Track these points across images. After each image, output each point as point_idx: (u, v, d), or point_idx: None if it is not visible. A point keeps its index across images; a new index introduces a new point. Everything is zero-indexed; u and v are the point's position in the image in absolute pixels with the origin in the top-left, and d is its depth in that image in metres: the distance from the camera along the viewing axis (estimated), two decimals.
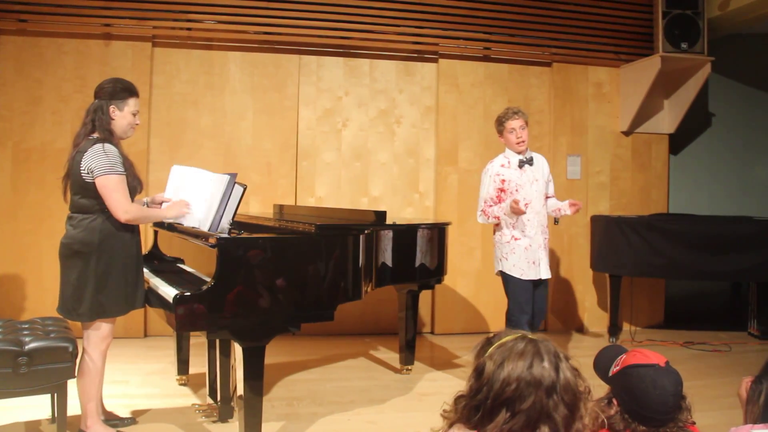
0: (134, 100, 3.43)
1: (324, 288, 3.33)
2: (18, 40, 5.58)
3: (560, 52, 6.59)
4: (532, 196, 4.36)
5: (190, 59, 5.95)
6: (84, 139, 3.32)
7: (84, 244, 3.24)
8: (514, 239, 4.35)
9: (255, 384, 3.15)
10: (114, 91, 3.37)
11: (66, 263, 3.31)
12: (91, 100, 3.40)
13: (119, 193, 3.23)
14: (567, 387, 1.46)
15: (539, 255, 4.35)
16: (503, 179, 4.37)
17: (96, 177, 3.20)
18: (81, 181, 3.25)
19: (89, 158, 3.21)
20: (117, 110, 3.36)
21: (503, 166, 4.41)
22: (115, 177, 3.22)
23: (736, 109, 7.42)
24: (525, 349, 1.48)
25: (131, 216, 3.26)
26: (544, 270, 4.37)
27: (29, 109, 5.59)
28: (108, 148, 3.24)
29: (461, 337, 6.25)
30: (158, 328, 5.74)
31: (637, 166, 6.84)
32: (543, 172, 4.47)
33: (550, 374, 1.45)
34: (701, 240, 5.82)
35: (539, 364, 1.45)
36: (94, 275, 3.23)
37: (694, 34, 6.22)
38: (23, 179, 5.56)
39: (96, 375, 3.35)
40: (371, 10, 6.13)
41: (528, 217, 4.32)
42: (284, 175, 6.10)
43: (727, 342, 6.01)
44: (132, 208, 3.29)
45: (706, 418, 2.90)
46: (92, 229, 3.25)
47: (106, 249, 3.26)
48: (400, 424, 3.88)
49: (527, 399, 1.43)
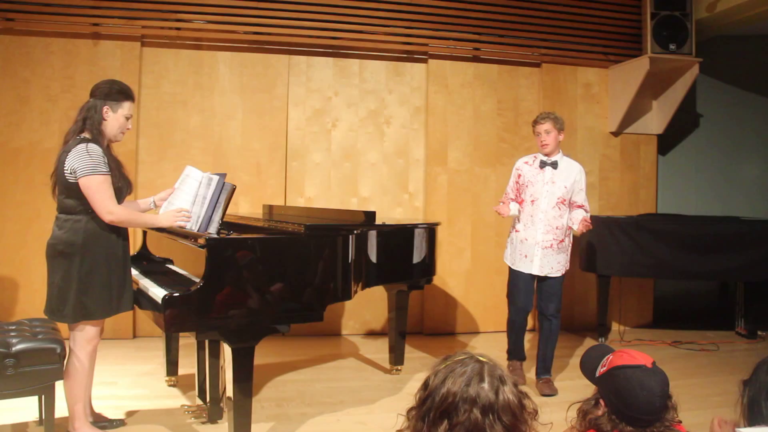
0: (129, 104, 3.41)
1: (313, 288, 3.32)
2: (5, 39, 5.54)
3: (549, 53, 6.61)
4: (541, 195, 4.50)
5: (179, 59, 5.93)
6: (72, 137, 3.30)
7: (68, 244, 3.21)
8: (515, 231, 4.64)
9: (244, 385, 3.14)
10: (110, 92, 3.35)
11: (51, 264, 3.28)
12: (80, 100, 3.39)
13: (102, 193, 3.19)
14: (506, 408, 1.52)
15: (534, 251, 4.49)
16: (519, 174, 4.65)
17: (79, 178, 3.17)
18: (65, 181, 3.22)
19: (72, 158, 3.18)
20: (110, 111, 3.34)
21: (527, 162, 4.67)
22: (98, 177, 3.18)
23: (723, 109, 7.47)
24: (468, 368, 1.56)
25: (116, 218, 3.22)
26: (537, 267, 4.49)
27: (17, 108, 5.56)
28: (92, 147, 3.21)
29: (451, 338, 6.26)
30: (147, 329, 5.72)
31: (626, 166, 6.88)
32: (568, 178, 4.53)
33: (488, 395, 1.52)
34: (689, 240, 5.86)
35: (477, 384, 1.53)
36: (77, 276, 3.20)
37: (683, 36, 6.25)
38: (10, 180, 5.53)
39: (83, 376, 3.33)
40: (361, 11, 6.13)
41: (531, 213, 4.51)
42: (274, 176, 6.10)
43: (714, 341, 6.04)
44: (117, 209, 3.24)
45: (694, 416, 2.92)
46: (76, 230, 3.22)
47: (90, 250, 3.22)
48: (389, 424, 3.84)
49: (462, 414, 1.51)
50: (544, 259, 4.48)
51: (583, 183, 4.60)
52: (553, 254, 4.49)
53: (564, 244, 4.54)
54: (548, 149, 4.54)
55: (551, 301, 4.54)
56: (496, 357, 1.64)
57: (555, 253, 4.50)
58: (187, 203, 3.45)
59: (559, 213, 4.50)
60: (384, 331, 5.82)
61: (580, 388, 2.19)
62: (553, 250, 4.49)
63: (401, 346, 4.91)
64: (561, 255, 4.54)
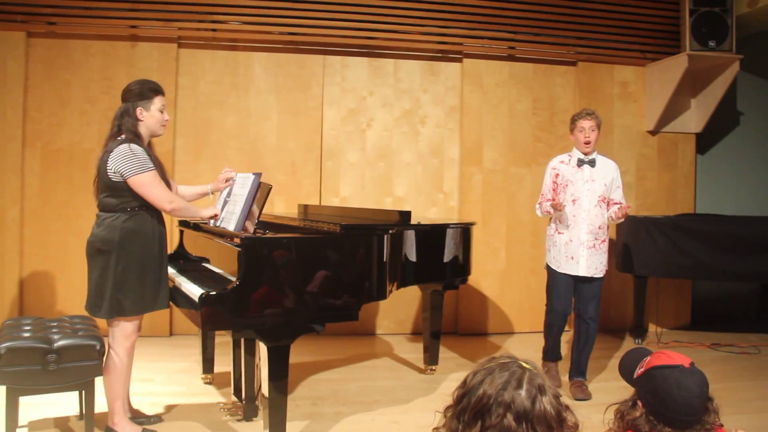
0: (159, 98, 3.46)
1: (349, 288, 3.33)
2: (47, 42, 5.66)
3: (585, 51, 6.54)
4: (582, 194, 4.44)
5: (215, 60, 5.99)
6: (111, 141, 3.36)
7: (105, 242, 3.27)
8: (558, 233, 4.52)
9: (279, 383, 3.16)
10: (140, 92, 3.40)
11: (90, 261, 3.36)
12: (118, 100, 3.44)
13: (157, 187, 3.30)
14: (541, 419, 1.49)
15: (580, 252, 4.41)
16: (557, 173, 4.55)
17: (128, 178, 3.24)
18: (108, 181, 3.28)
19: (116, 158, 3.24)
20: (144, 111, 3.39)
21: (562, 162, 4.58)
22: (149, 174, 3.27)
23: (765, 108, 7.30)
24: (508, 373, 1.53)
25: (176, 206, 3.35)
26: (584, 267, 4.41)
27: (58, 110, 5.68)
28: (134, 147, 3.27)
29: (485, 338, 6.23)
30: (183, 327, 5.79)
31: (664, 165, 6.77)
32: (606, 175, 4.48)
33: (523, 402, 1.48)
34: (729, 241, 5.73)
35: (514, 389, 1.50)
36: (113, 273, 3.26)
37: (722, 32, 6.14)
38: (52, 179, 5.65)
39: (122, 372, 3.39)
40: (396, 10, 6.14)
41: (574, 213, 4.44)
42: (308, 175, 6.13)
43: (755, 344, 5.92)
44: (176, 199, 3.38)
45: (734, 421, 2.87)
46: (114, 228, 3.28)
47: (126, 248, 3.27)
48: (424, 424, 3.85)
49: (494, 417, 1.48)
50: (590, 259, 4.42)
51: (619, 180, 4.55)
52: (597, 254, 4.44)
53: (605, 244, 4.50)
54: (591, 146, 4.48)
55: (591, 303, 4.46)
56: (531, 358, 1.62)
57: (599, 254, 4.45)
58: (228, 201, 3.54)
59: (600, 212, 4.45)
60: (418, 331, 5.81)
61: (616, 390, 2.17)
62: (597, 250, 4.43)
63: (435, 346, 4.90)
64: (604, 255, 4.49)
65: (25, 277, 5.62)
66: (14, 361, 3.05)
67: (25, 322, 3.54)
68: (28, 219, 5.64)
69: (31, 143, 5.63)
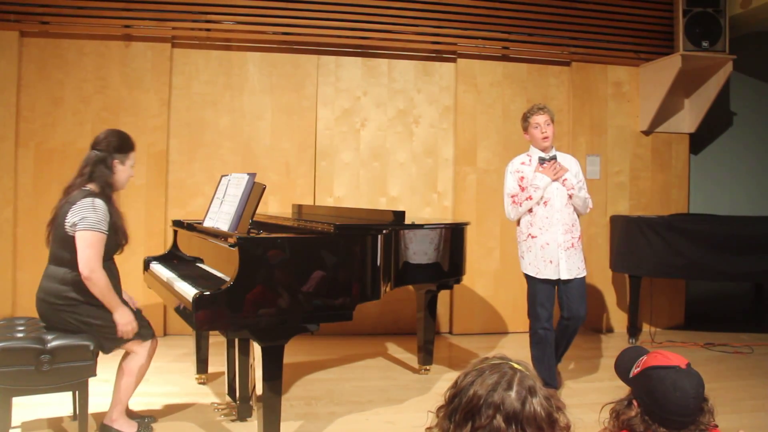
0: (133, 153, 3.47)
1: (343, 288, 3.32)
2: (40, 42, 5.64)
3: (579, 52, 6.55)
4: (552, 194, 4.27)
5: (209, 60, 5.98)
6: (77, 189, 3.30)
7: (59, 297, 3.24)
8: (531, 237, 4.30)
9: (274, 383, 3.16)
10: (119, 145, 3.37)
11: (48, 319, 3.30)
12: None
13: (93, 250, 3.17)
14: (531, 420, 1.49)
15: (558, 254, 4.22)
16: (522, 176, 4.34)
17: (77, 230, 3.17)
18: (63, 233, 3.23)
19: (76, 211, 3.19)
20: (120, 164, 3.38)
21: (523, 163, 4.38)
22: (97, 235, 3.18)
23: (758, 108, 7.34)
24: (498, 374, 1.54)
25: (95, 276, 3.16)
26: (565, 270, 4.23)
27: (51, 110, 5.66)
28: (98, 203, 3.22)
29: (480, 338, 6.23)
30: (178, 327, 5.79)
31: (657, 165, 6.79)
32: (570, 172, 4.33)
33: (513, 403, 1.49)
34: (722, 240, 5.75)
35: (504, 390, 1.50)
36: (82, 325, 3.25)
37: (716, 33, 6.17)
38: (45, 179, 5.62)
39: (142, 374, 3.48)
40: (390, 10, 6.14)
41: (547, 215, 4.25)
42: (303, 175, 6.12)
43: (749, 344, 5.94)
44: (101, 272, 3.19)
45: (727, 420, 2.88)
46: (66, 281, 3.24)
47: (82, 299, 3.24)
48: (418, 424, 3.85)
49: (484, 418, 1.48)
50: (569, 260, 4.24)
51: (581, 174, 4.42)
52: (576, 254, 4.28)
53: (581, 242, 4.37)
54: (549, 142, 4.30)
55: (581, 304, 4.28)
56: (524, 358, 1.62)
57: (577, 252, 4.30)
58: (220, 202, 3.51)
59: (571, 209, 4.33)
60: (413, 331, 5.81)
61: (610, 390, 2.18)
62: (575, 249, 4.28)
63: (430, 346, 4.90)
64: (581, 254, 4.35)
65: (19, 277, 5.59)
66: (7, 362, 3.03)
67: (19, 322, 3.52)
68: (21, 219, 5.62)
69: (24, 143, 5.61)
